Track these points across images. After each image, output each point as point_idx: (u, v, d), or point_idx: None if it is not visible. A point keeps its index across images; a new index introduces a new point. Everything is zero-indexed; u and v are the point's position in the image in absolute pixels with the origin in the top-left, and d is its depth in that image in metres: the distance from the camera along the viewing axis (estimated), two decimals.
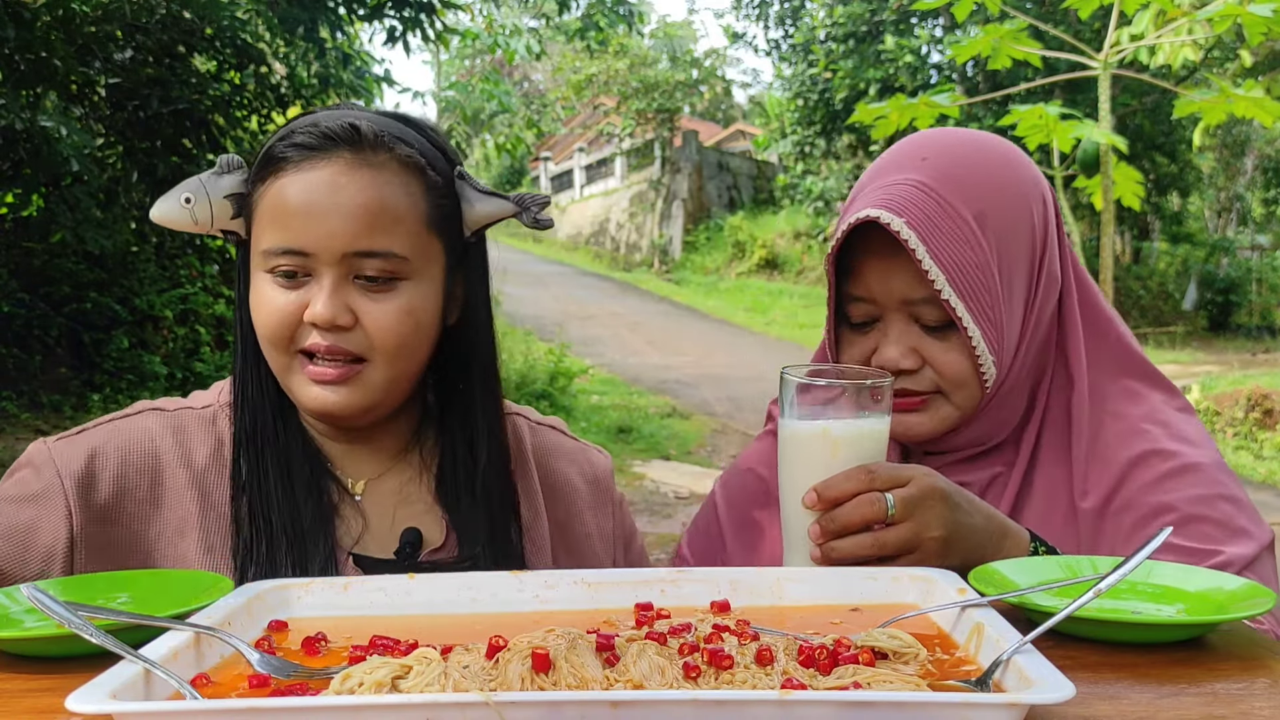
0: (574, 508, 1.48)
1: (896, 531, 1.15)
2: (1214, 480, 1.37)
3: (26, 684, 0.93)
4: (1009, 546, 1.22)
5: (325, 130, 1.27)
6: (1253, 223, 24.59)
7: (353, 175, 1.26)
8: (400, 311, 1.28)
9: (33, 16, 6.86)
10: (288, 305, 1.26)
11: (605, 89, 28.04)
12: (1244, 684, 0.90)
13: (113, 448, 1.32)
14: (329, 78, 8.66)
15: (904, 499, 1.15)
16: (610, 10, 14.51)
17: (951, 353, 1.36)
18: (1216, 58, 16.24)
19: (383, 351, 1.28)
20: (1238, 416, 11.15)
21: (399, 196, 1.28)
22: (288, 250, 1.25)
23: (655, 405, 12.01)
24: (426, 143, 1.33)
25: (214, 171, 1.32)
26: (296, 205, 1.25)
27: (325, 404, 1.28)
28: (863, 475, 1.16)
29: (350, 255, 1.25)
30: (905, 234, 1.30)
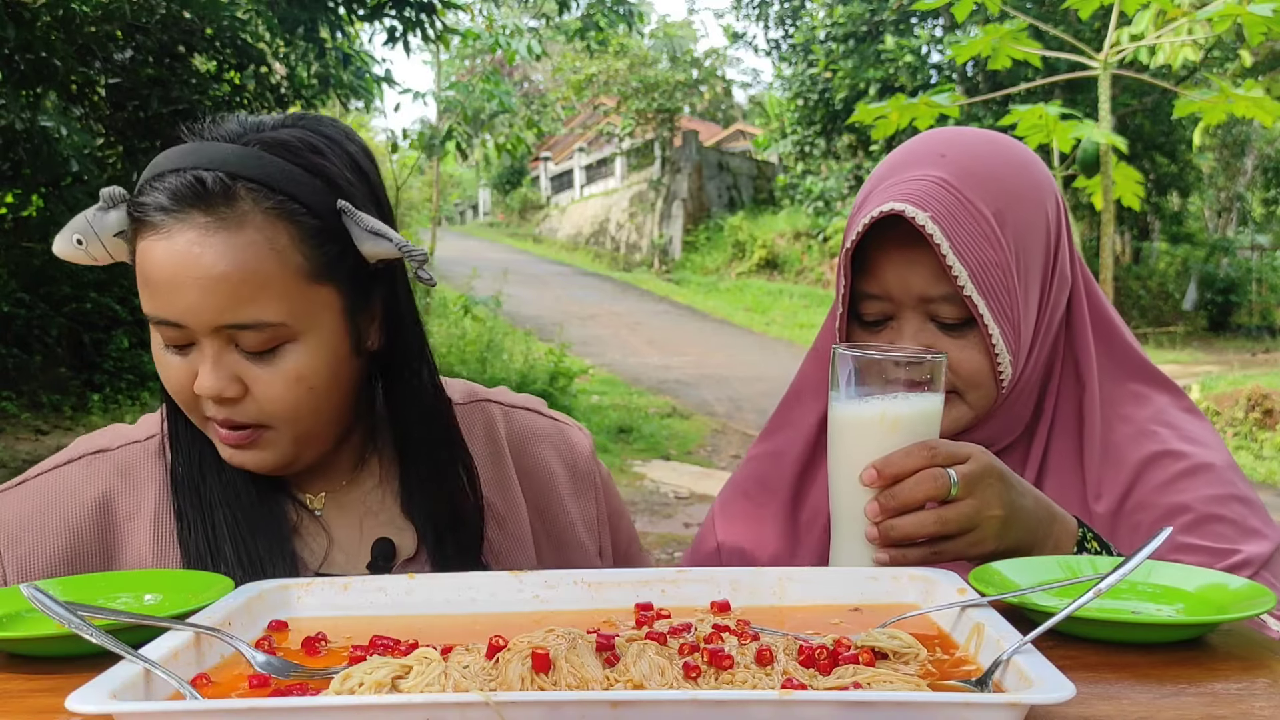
0: (554, 494, 1.42)
1: (958, 509, 1.13)
2: (1226, 480, 1.37)
3: (26, 684, 0.93)
4: (1058, 531, 1.21)
5: (172, 189, 1.15)
6: (1253, 223, 24.58)
7: (208, 242, 1.14)
8: (288, 379, 1.19)
9: (33, 16, 6.86)
10: (180, 372, 1.20)
11: (605, 89, 28.04)
12: (1244, 684, 0.90)
13: (54, 512, 1.26)
14: (329, 78, 8.67)
15: (966, 475, 1.13)
16: (610, 10, 14.51)
17: (968, 351, 1.34)
18: (1216, 58, 16.25)
19: (280, 418, 1.21)
20: (1238, 416, 11.15)
21: (263, 258, 1.15)
22: (161, 320, 1.17)
23: (655, 405, 12.01)
24: (300, 175, 1.18)
25: (98, 208, 1.20)
26: (158, 276, 1.15)
27: (242, 464, 1.24)
28: (924, 451, 1.13)
29: (221, 328, 1.16)
30: (930, 228, 1.28)
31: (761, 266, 23.71)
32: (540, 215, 33.59)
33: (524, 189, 35.55)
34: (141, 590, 1.13)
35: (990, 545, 1.16)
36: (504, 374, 11.62)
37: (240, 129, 1.22)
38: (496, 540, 1.36)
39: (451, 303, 13.43)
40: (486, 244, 28.60)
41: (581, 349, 14.51)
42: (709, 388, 13.29)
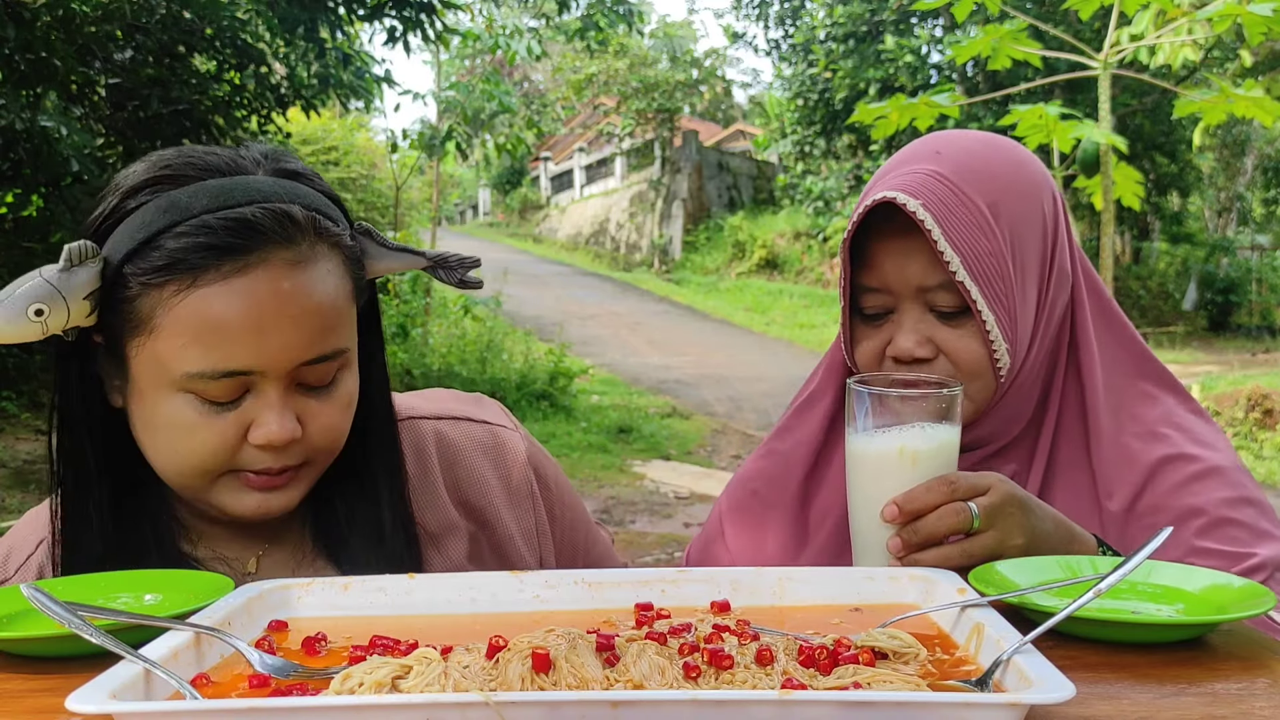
0: (491, 508, 1.35)
1: (981, 541, 1.15)
2: (1237, 483, 1.39)
3: (26, 684, 0.93)
4: (1077, 550, 1.22)
5: (252, 223, 1.07)
6: (1253, 223, 24.58)
7: (295, 278, 1.08)
8: (341, 405, 1.16)
9: (33, 16, 6.86)
10: (225, 430, 1.10)
11: (605, 89, 28.04)
12: (1244, 684, 0.90)
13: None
14: (329, 78, 8.67)
15: (987, 508, 1.14)
16: (610, 10, 14.51)
17: (966, 340, 1.35)
18: (1216, 58, 16.24)
19: (325, 450, 1.17)
20: (1238, 416, 11.15)
21: (335, 286, 1.13)
22: (228, 373, 1.07)
23: (655, 405, 12.01)
24: (328, 201, 1.17)
25: (62, 268, 1.05)
26: (235, 322, 1.06)
27: (268, 509, 1.16)
28: (944, 486, 1.14)
29: (302, 365, 1.11)
30: (921, 214, 1.30)
31: (761, 266, 23.71)
32: (540, 215, 33.59)
33: (524, 189, 35.55)
34: (141, 590, 1.13)
35: None
36: (504, 374, 11.61)
37: (249, 160, 1.16)
38: (435, 561, 1.29)
39: (451, 303, 13.43)
40: (486, 244, 28.60)
41: (581, 349, 14.51)
42: (709, 388, 13.29)
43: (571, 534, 1.45)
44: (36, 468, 8.10)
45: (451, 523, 1.32)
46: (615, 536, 6.85)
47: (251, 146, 1.19)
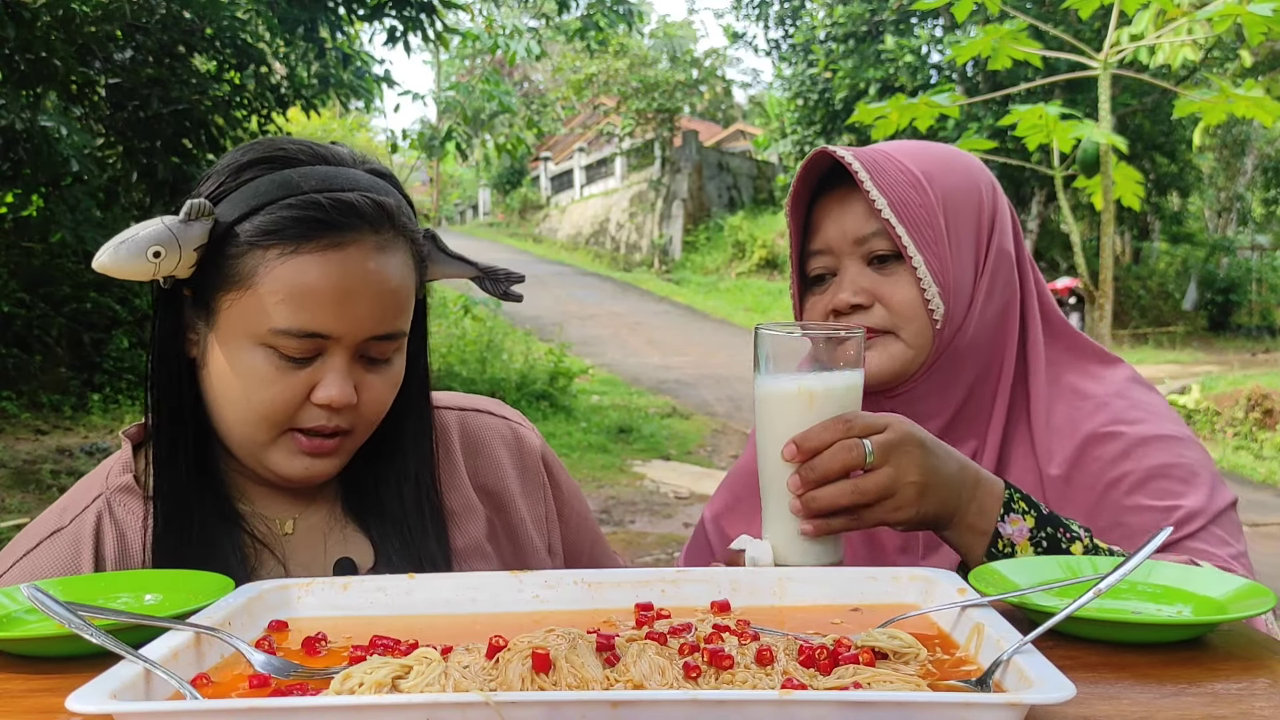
0: (507, 493, 1.45)
1: (875, 477, 1.16)
2: (1172, 449, 1.40)
3: (26, 684, 0.93)
4: (983, 495, 1.23)
5: (355, 207, 1.21)
6: (1253, 223, 24.59)
7: (381, 259, 1.22)
8: (391, 385, 1.28)
9: (33, 16, 6.86)
10: (293, 386, 1.21)
11: (605, 89, 28.04)
12: (1244, 684, 0.90)
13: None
14: (329, 78, 8.67)
15: (881, 444, 1.16)
16: (610, 10, 14.50)
17: (900, 285, 1.42)
18: (1216, 58, 16.24)
19: (368, 423, 1.27)
20: (1238, 416, 11.15)
21: (409, 275, 1.26)
22: (310, 333, 1.19)
23: (655, 405, 12.01)
24: (407, 203, 1.29)
25: (182, 219, 1.18)
26: (327, 289, 1.18)
27: (313, 474, 1.26)
28: (840, 424, 1.17)
29: (370, 339, 1.23)
30: (849, 159, 1.41)
31: (761, 266, 23.71)
32: (540, 215, 33.60)
33: (524, 189, 35.55)
34: (141, 590, 1.13)
35: (909, 511, 1.18)
36: (504, 374, 11.62)
37: (346, 156, 1.29)
38: (455, 538, 1.38)
39: (451, 303, 13.43)
40: (486, 244, 28.59)
41: (581, 349, 14.51)
42: (709, 388, 13.29)
43: (578, 535, 1.53)
44: (36, 468, 8.11)
45: (470, 505, 1.41)
46: (615, 536, 6.85)
47: (341, 147, 1.31)
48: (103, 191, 8.24)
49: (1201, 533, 1.33)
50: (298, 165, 1.23)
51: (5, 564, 1.28)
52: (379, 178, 1.28)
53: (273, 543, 1.31)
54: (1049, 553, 1.22)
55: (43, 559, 1.26)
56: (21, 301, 10.04)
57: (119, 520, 1.29)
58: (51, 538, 1.28)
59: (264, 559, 1.30)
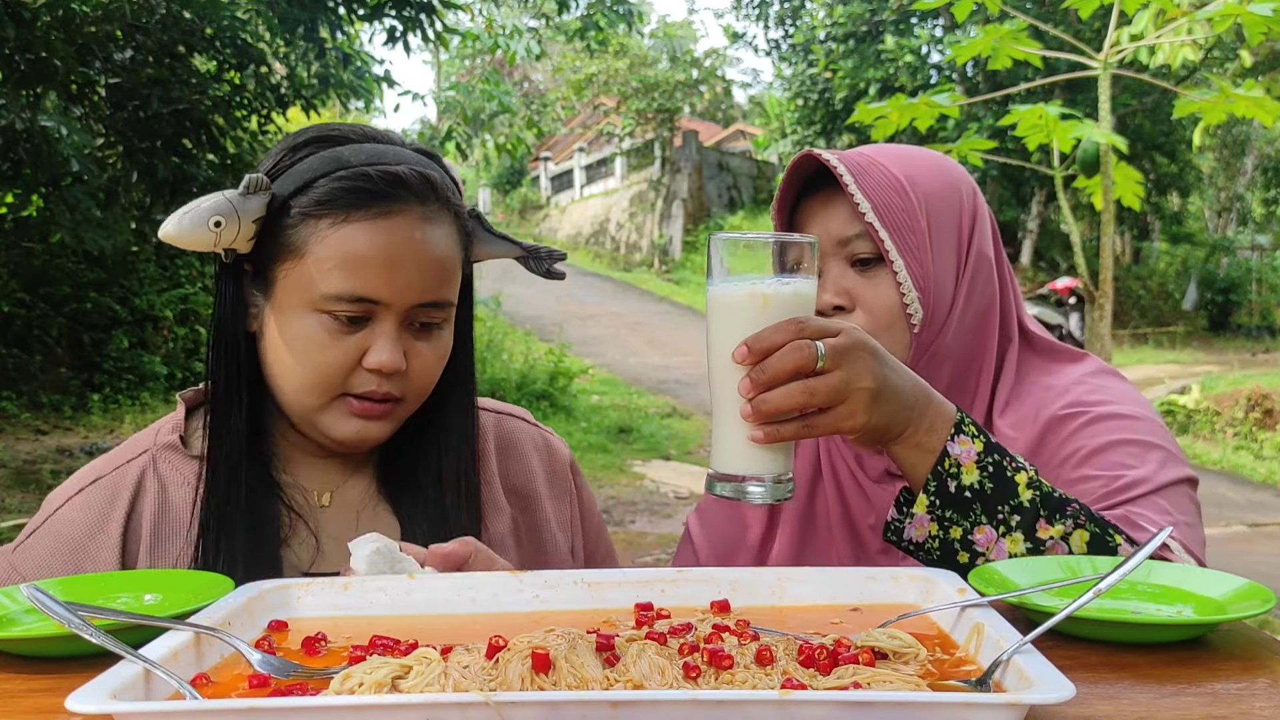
0: (534, 494, 1.50)
1: (826, 380, 1.14)
2: (1129, 427, 1.41)
3: (26, 684, 0.93)
4: (934, 414, 1.22)
5: (402, 179, 1.27)
6: (1253, 223, 24.60)
7: (426, 229, 1.28)
8: (439, 355, 1.33)
9: (33, 16, 6.86)
10: (347, 349, 1.27)
11: (605, 89, 28.04)
12: (1244, 684, 0.90)
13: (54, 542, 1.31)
14: (329, 78, 8.67)
15: (834, 348, 1.14)
16: (610, 10, 14.49)
17: (879, 288, 1.43)
18: (1216, 58, 16.24)
19: (417, 392, 1.33)
20: (1238, 416, 11.15)
21: (453, 247, 1.32)
22: (360, 298, 1.25)
23: (655, 405, 12.01)
24: (453, 181, 1.36)
25: (241, 192, 1.26)
26: (375, 256, 1.25)
27: (364, 437, 1.31)
28: (792, 326, 1.14)
29: (417, 306, 1.28)
30: (834, 162, 1.42)
31: None
32: (540, 215, 33.59)
33: (524, 189, 35.55)
34: (141, 590, 1.13)
35: (861, 419, 1.16)
36: (504, 374, 11.62)
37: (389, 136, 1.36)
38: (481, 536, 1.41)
39: None
40: None
41: (581, 349, 14.51)
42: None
43: (594, 547, 1.58)
44: (36, 468, 8.11)
45: (498, 502, 1.46)
46: (615, 536, 6.85)
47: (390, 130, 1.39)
48: (103, 191, 8.23)
49: (1143, 499, 1.33)
50: (348, 143, 1.31)
51: (45, 513, 1.34)
52: (425, 156, 1.35)
53: (308, 514, 1.36)
54: (994, 478, 1.22)
55: (78, 506, 1.33)
56: (21, 301, 10.04)
57: (162, 476, 1.35)
58: (92, 485, 1.34)
59: (298, 528, 1.35)
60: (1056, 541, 1.21)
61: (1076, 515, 1.22)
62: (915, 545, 1.25)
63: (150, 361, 10.94)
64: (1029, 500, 1.22)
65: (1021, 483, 1.23)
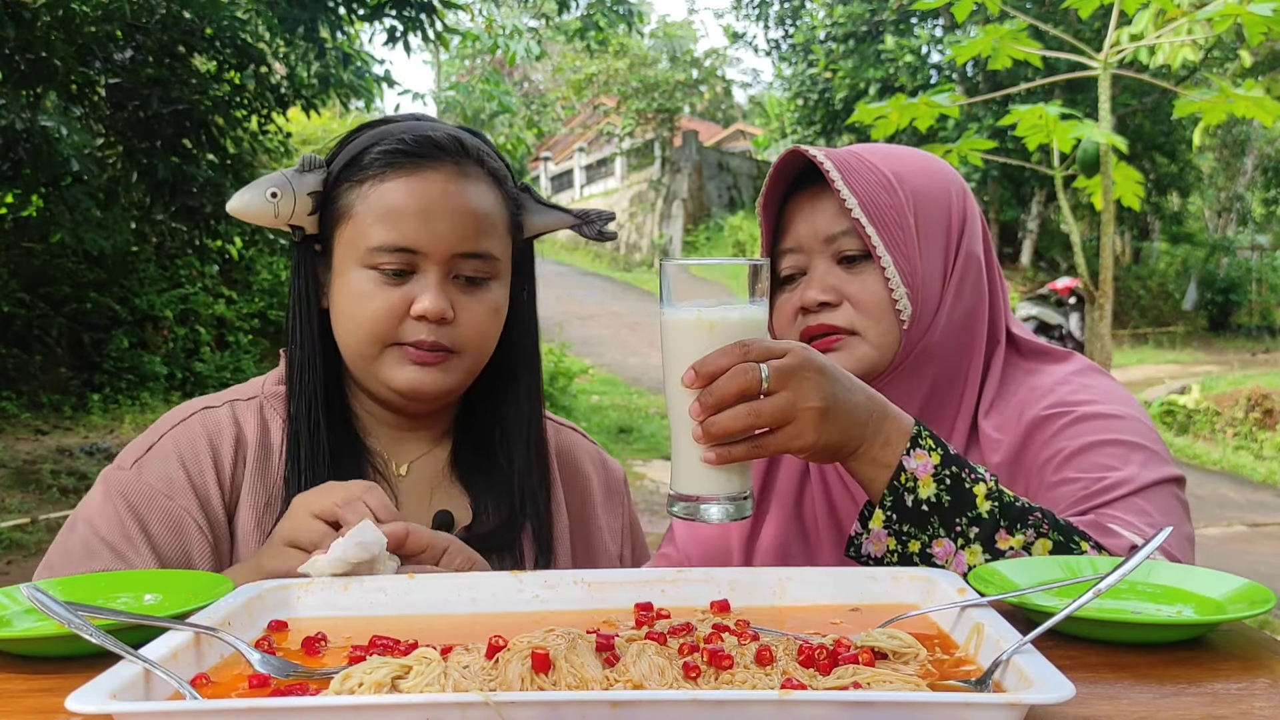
0: (590, 504, 1.57)
1: (772, 401, 1.14)
2: (1113, 427, 1.40)
3: (26, 684, 0.93)
4: (890, 428, 1.22)
5: (433, 139, 1.37)
6: (1253, 223, 24.60)
7: (460, 183, 1.37)
8: (490, 310, 1.39)
9: (33, 16, 6.86)
10: (394, 299, 1.35)
11: (605, 89, 28.04)
12: (1244, 684, 0.90)
13: (174, 454, 1.39)
14: (329, 78, 8.65)
15: (778, 369, 1.14)
16: (610, 10, 14.49)
17: (867, 284, 1.43)
18: (1216, 58, 16.24)
19: (470, 346, 1.38)
20: (1238, 416, 11.15)
21: (492, 205, 1.39)
22: (401, 248, 1.34)
23: (655, 405, 12.01)
24: (495, 154, 1.45)
25: (296, 169, 1.39)
26: (411, 207, 1.34)
27: (421, 384, 1.36)
28: (737, 349, 1.15)
29: (456, 256, 1.35)
30: (821, 158, 1.43)
31: None
32: None
33: None
34: (141, 590, 1.13)
35: (810, 438, 1.16)
36: None
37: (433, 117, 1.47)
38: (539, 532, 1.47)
39: None
40: None
41: (581, 349, 14.50)
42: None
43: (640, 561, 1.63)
44: (36, 468, 8.11)
45: (559, 505, 1.52)
46: None
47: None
48: (103, 191, 8.23)
49: (1120, 501, 1.32)
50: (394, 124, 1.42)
51: (159, 430, 1.41)
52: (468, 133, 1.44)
53: (389, 480, 1.44)
54: (952, 490, 1.22)
55: (194, 427, 1.41)
56: (21, 301, 10.04)
57: (266, 419, 1.44)
58: (204, 411, 1.43)
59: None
60: (1017, 551, 1.21)
61: (1039, 524, 1.22)
62: (875, 560, 1.24)
63: (150, 361, 10.94)
64: (987, 511, 1.22)
65: (980, 494, 1.22)
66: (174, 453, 1.38)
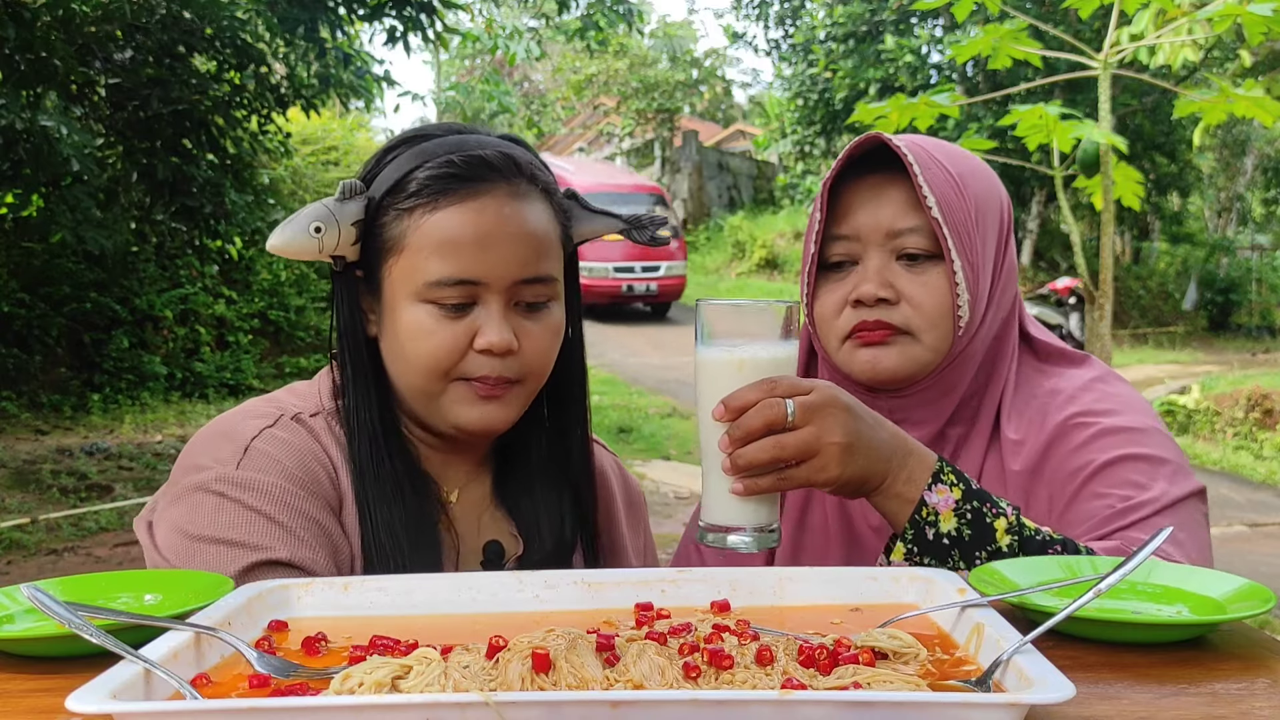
0: (615, 521, 1.54)
1: (797, 435, 1.17)
2: (1138, 440, 1.41)
3: (26, 684, 0.93)
4: (913, 464, 1.24)
5: (485, 160, 1.30)
6: (1253, 223, 24.60)
7: (516, 205, 1.29)
8: (552, 333, 1.34)
9: (33, 16, 6.86)
10: (454, 334, 1.28)
11: (605, 89, 28.05)
12: (1244, 684, 0.90)
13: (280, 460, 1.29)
14: (329, 78, 8.66)
15: (804, 404, 1.18)
16: (610, 10, 14.49)
17: (930, 286, 1.41)
18: (1216, 58, 16.25)
19: (535, 373, 1.33)
20: (1238, 416, 11.15)
21: (548, 223, 1.33)
22: (461, 280, 1.27)
23: (655, 405, 12.01)
24: (542, 164, 1.38)
25: (338, 198, 1.31)
26: (468, 236, 1.27)
27: (490, 421, 1.31)
28: (765, 385, 1.18)
29: (517, 283, 1.29)
30: (904, 150, 1.39)
31: (761, 266, 23.69)
32: None
33: None
34: (141, 590, 1.13)
35: (834, 471, 1.19)
36: None
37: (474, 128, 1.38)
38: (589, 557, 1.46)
39: None
40: None
41: None
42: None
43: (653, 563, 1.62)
44: (36, 468, 8.10)
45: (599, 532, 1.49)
46: None
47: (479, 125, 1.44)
48: (103, 191, 8.23)
49: (1146, 521, 1.33)
50: (433, 139, 1.33)
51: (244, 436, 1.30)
52: (511, 142, 1.37)
53: (447, 509, 1.38)
54: (972, 524, 1.24)
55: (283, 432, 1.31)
56: (21, 301, 10.04)
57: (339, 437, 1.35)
58: (286, 421, 1.32)
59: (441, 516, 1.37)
60: None
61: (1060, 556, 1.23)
62: None
63: (150, 361, 10.94)
64: (1007, 545, 1.24)
65: (1000, 528, 1.24)
66: (277, 456, 1.28)
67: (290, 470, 1.28)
